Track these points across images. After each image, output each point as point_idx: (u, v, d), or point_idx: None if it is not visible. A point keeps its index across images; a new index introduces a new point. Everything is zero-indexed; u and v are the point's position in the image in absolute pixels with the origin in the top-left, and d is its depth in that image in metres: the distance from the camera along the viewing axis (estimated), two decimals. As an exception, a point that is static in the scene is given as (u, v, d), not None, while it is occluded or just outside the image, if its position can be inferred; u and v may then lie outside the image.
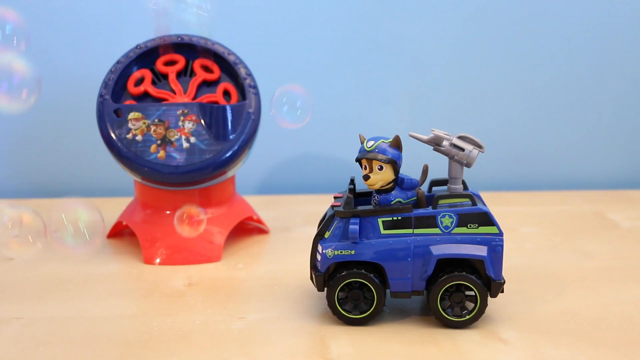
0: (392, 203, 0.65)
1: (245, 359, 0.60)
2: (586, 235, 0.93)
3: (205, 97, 0.85)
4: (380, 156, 0.63)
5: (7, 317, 0.69)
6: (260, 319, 0.68)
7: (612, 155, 1.22)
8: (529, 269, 0.81)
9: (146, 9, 0.83)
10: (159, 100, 0.85)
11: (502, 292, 0.66)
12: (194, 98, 0.85)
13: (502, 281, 0.65)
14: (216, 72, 0.87)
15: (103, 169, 1.16)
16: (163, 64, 0.87)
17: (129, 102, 0.85)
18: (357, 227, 0.64)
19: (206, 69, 0.87)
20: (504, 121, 1.20)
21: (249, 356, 0.60)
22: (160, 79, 0.87)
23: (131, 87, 0.85)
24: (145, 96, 0.85)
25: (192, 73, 0.87)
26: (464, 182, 0.68)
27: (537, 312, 0.69)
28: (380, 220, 0.64)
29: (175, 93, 0.85)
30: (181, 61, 0.87)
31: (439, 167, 0.75)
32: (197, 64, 0.87)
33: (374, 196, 0.66)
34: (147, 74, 0.86)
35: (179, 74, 0.87)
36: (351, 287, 0.66)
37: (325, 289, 0.66)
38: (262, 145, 0.99)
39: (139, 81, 0.85)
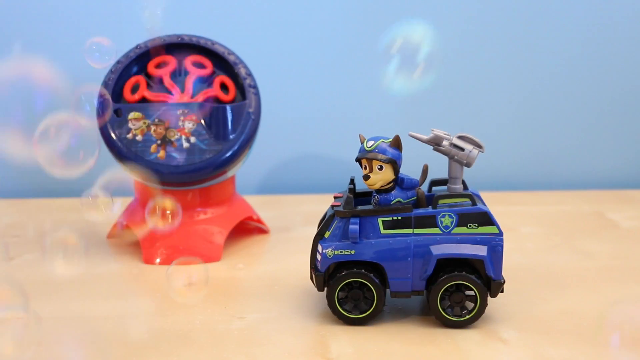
0: (392, 203, 0.65)
1: (245, 358, 0.60)
2: (586, 235, 0.93)
3: (204, 94, 0.85)
4: (380, 156, 0.63)
5: (7, 317, 0.68)
6: (260, 318, 0.68)
7: (612, 155, 1.22)
8: (529, 269, 0.81)
9: (142, 10, 0.83)
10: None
11: (502, 292, 0.66)
12: (193, 96, 0.85)
13: (502, 281, 0.65)
14: (208, 67, 0.87)
15: (103, 169, 1.16)
16: (155, 67, 0.86)
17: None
18: (357, 227, 0.64)
19: (198, 65, 0.87)
20: (504, 121, 1.20)
21: (249, 356, 0.60)
22: (153, 82, 0.86)
23: (128, 95, 0.85)
24: (143, 102, 0.85)
25: (185, 72, 0.87)
26: (464, 182, 0.68)
27: (537, 312, 0.69)
28: (380, 220, 0.64)
29: (172, 94, 0.85)
30: (172, 62, 0.87)
31: (439, 167, 0.75)
32: (188, 62, 0.87)
33: (374, 196, 0.66)
34: (141, 79, 0.85)
35: (172, 75, 0.87)
36: (351, 287, 0.66)
37: (325, 288, 0.66)
38: (262, 145, 0.99)
39: (135, 88, 0.85)
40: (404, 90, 0.61)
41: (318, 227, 0.68)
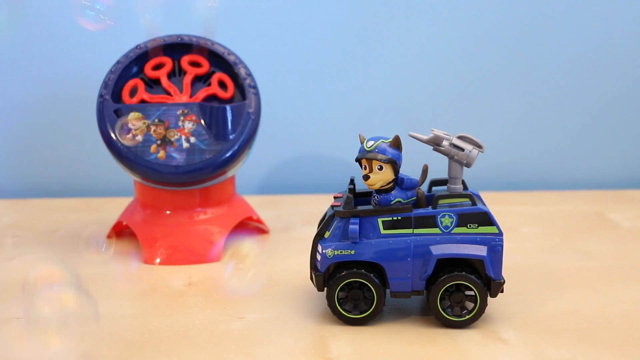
0: (392, 203, 0.65)
1: (245, 359, 0.60)
2: (586, 235, 0.93)
3: (204, 91, 0.85)
4: (380, 156, 0.63)
5: (7, 317, 0.69)
6: (260, 319, 0.68)
7: (612, 155, 1.22)
8: (529, 269, 0.81)
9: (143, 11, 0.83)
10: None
11: (502, 292, 0.66)
12: (192, 95, 0.85)
13: (502, 281, 0.65)
14: (205, 65, 0.87)
15: (103, 169, 1.16)
16: (151, 69, 0.86)
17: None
18: (357, 227, 0.64)
19: (194, 64, 0.87)
20: (503, 121, 1.20)
21: (249, 356, 0.60)
22: (151, 85, 0.86)
23: (126, 98, 0.84)
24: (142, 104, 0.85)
25: (182, 71, 0.87)
26: (463, 182, 0.68)
27: (537, 312, 0.69)
28: (380, 220, 0.64)
29: (171, 94, 0.85)
30: (168, 63, 0.87)
31: (439, 167, 0.75)
32: (184, 62, 0.87)
33: (374, 196, 0.66)
34: (139, 82, 0.85)
35: (170, 75, 0.86)
36: (351, 287, 0.66)
37: (325, 289, 0.66)
38: (262, 145, 1.00)
39: (134, 91, 0.85)
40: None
41: (318, 227, 0.68)
